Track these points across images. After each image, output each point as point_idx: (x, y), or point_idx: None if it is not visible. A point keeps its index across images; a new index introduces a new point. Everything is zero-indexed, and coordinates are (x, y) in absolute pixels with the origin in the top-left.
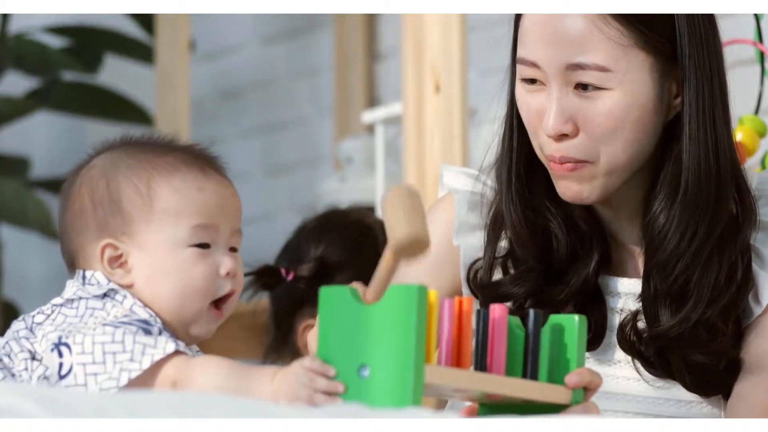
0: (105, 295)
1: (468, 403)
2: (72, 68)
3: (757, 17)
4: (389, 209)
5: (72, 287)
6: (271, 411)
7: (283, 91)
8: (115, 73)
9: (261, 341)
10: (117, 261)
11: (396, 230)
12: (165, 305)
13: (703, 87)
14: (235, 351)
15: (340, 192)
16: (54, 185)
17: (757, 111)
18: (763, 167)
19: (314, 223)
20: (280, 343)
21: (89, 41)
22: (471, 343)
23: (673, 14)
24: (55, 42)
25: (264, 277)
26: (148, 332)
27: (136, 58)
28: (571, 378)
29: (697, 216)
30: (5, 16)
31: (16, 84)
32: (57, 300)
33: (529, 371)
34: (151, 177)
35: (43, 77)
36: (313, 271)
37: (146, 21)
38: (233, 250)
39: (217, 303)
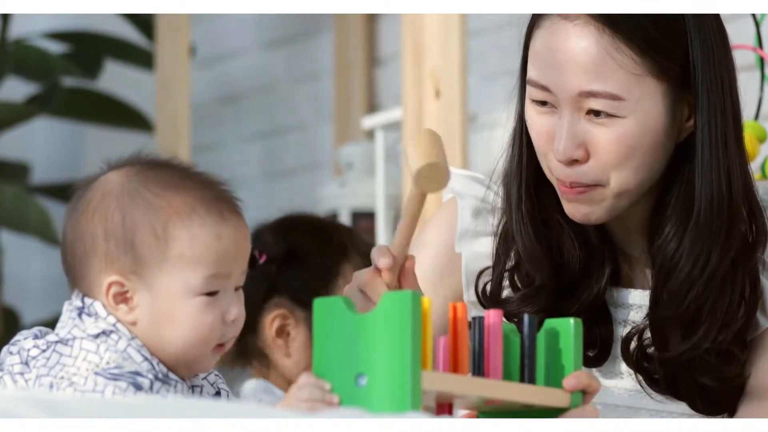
0: (101, 333)
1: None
2: (72, 74)
3: (756, 22)
4: (412, 148)
5: (68, 320)
6: (271, 411)
7: (283, 97)
8: (115, 79)
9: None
10: (122, 297)
11: (416, 161)
12: (168, 349)
13: (716, 111)
14: None
15: (340, 197)
16: (54, 191)
17: (756, 116)
18: (763, 173)
19: (284, 217)
20: (248, 344)
21: (89, 47)
22: (467, 350)
23: (686, 39)
24: (55, 47)
25: None
26: (139, 388)
27: (136, 64)
28: (569, 381)
29: (710, 242)
30: (5, 22)
31: (16, 89)
32: (52, 337)
33: (527, 376)
34: (168, 219)
35: (43, 83)
36: (285, 254)
37: (146, 26)
38: (237, 288)
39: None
